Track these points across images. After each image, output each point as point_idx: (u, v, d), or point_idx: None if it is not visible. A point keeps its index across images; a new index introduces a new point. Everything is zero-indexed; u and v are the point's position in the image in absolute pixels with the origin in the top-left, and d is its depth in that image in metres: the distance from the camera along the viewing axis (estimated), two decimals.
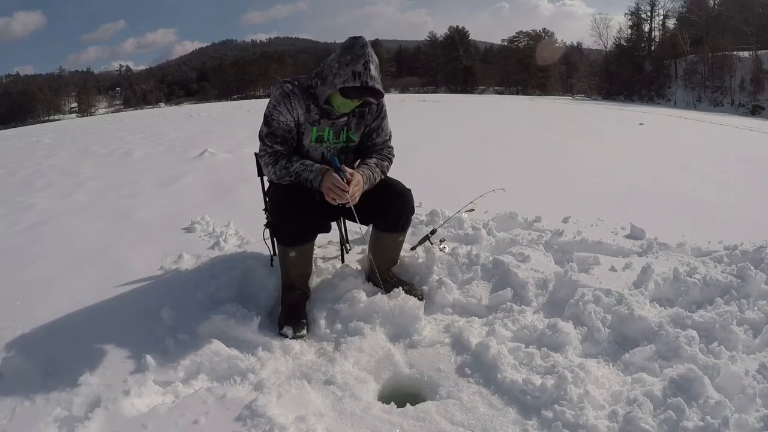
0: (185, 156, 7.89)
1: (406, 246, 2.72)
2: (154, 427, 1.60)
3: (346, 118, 2.28)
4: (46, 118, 65.17)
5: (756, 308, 2.24)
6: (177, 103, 72.33)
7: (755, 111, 30.76)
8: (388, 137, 2.43)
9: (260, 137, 2.25)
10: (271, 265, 2.62)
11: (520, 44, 66.01)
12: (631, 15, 48.36)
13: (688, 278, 2.44)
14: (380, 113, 2.37)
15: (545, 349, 1.97)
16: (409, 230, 2.76)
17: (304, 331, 2.20)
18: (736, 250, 2.83)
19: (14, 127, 37.67)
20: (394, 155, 2.46)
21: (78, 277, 2.81)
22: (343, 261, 2.82)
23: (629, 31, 48.72)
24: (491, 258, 2.67)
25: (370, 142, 2.39)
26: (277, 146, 2.21)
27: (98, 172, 6.98)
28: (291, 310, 2.27)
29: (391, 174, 2.44)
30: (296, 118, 2.22)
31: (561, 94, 52.57)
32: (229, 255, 3.00)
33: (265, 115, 2.24)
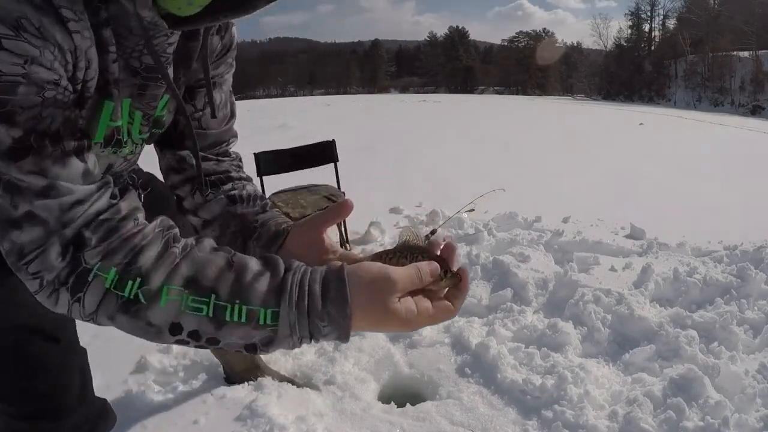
0: None
1: None
2: (154, 427, 1.60)
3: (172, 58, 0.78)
4: None
5: (756, 308, 2.25)
6: None
7: (755, 111, 30.74)
8: (233, 114, 0.97)
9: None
10: None
11: (520, 44, 65.95)
12: (631, 15, 48.44)
13: (688, 278, 2.44)
14: (229, 49, 0.91)
15: (545, 349, 1.97)
16: None
17: None
18: (736, 250, 2.83)
19: None
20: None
21: None
22: None
23: (629, 31, 48.78)
24: (491, 258, 2.67)
25: (203, 122, 0.89)
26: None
27: None
28: None
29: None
30: (78, 79, 0.60)
31: (561, 94, 52.47)
32: None
33: None
